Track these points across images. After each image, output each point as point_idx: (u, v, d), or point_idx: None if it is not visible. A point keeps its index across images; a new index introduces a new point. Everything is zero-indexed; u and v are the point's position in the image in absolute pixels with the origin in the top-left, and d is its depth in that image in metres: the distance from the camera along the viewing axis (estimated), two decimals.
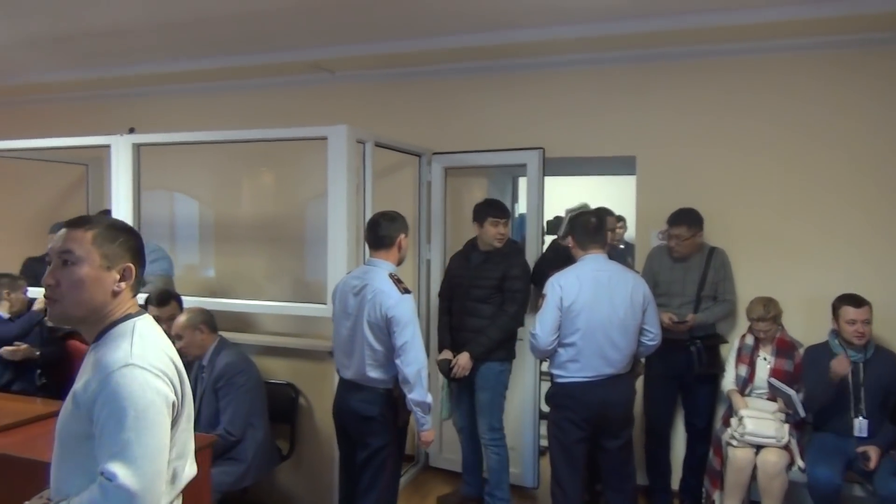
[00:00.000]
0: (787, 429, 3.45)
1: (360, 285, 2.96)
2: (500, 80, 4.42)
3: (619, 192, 4.12)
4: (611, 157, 4.27)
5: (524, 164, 4.19)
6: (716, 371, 3.83)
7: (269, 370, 3.82)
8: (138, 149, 4.05)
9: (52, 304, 1.54)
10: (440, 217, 4.44)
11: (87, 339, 1.58)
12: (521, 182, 4.83)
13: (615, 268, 3.21)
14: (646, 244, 4.13)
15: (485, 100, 4.46)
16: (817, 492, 3.27)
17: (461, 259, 3.97)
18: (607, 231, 3.38)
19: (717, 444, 3.68)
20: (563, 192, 5.18)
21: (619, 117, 4.17)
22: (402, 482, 3.58)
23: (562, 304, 3.09)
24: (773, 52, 3.87)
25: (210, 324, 3.47)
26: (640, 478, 3.68)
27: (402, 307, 2.85)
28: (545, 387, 3.43)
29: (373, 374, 2.94)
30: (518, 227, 4.67)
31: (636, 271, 3.68)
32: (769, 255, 3.89)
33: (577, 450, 3.19)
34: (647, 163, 4.13)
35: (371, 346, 2.91)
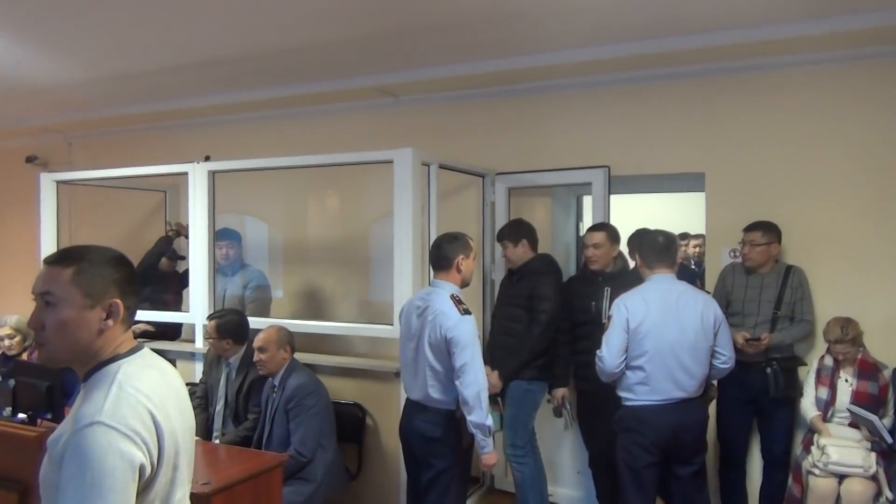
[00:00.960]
0: (875, 457, 3.27)
1: (423, 306, 2.99)
2: (562, 98, 4.40)
3: (688, 210, 4.02)
4: (679, 174, 4.19)
5: (589, 183, 4.15)
6: (793, 394, 3.66)
7: (337, 390, 3.88)
8: (213, 175, 4.23)
9: (39, 347, 1.48)
10: None
11: (80, 378, 1.49)
12: (586, 201, 4.79)
13: (684, 288, 3.14)
14: (716, 262, 4.01)
15: (548, 118, 4.44)
16: None
17: (504, 277, 4.05)
18: (677, 250, 3.31)
19: (796, 471, 3.51)
20: (631, 210, 5.09)
21: (685, 133, 4.08)
22: None
23: (628, 325, 3.03)
24: (845, 62, 3.71)
25: (293, 345, 3.60)
26: None
27: (462, 328, 2.85)
28: None
29: (435, 395, 2.95)
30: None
31: (707, 291, 3.58)
32: (849, 272, 3.71)
33: (648, 475, 3.10)
34: (717, 179, 4.02)
35: (432, 367, 2.93)
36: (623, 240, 3.87)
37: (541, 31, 3.66)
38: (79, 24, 3.65)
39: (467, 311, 2.92)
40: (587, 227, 4.03)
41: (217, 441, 3.69)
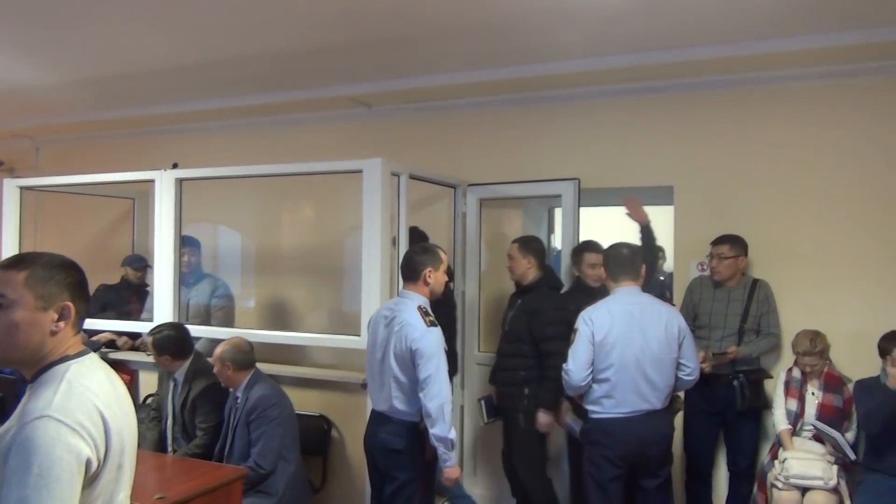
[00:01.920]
0: (836, 470, 3.29)
1: (391, 316, 2.97)
2: (535, 111, 4.42)
3: (656, 223, 4.06)
4: (648, 187, 4.21)
5: (560, 195, 4.16)
6: (760, 407, 3.69)
7: (303, 402, 3.83)
8: (181, 183, 4.17)
9: None
10: (475, 248, 4.43)
11: (27, 379, 1.53)
12: (557, 213, 4.79)
13: (648, 300, 3.14)
14: (684, 276, 4.04)
15: (520, 131, 4.46)
16: None
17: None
18: (641, 262, 3.30)
19: (762, 480, 3.52)
20: (600, 223, 5.11)
21: (655, 147, 4.11)
22: None
23: (593, 338, 3.03)
24: (812, 80, 3.78)
25: (238, 362, 3.46)
26: None
27: (427, 340, 2.83)
28: None
29: (400, 407, 2.92)
30: (555, 262, 4.60)
31: (672, 304, 3.59)
32: (815, 286, 3.75)
33: (614, 488, 3.09)
34: (685, 192, 4.06)
35: (397, 378, 2.90)
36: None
37: (512, 44, 3.68)
38: (48, 28, 3.60)
39: (434, 323, 2.90)
40: (558, 239, 4.02)
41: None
